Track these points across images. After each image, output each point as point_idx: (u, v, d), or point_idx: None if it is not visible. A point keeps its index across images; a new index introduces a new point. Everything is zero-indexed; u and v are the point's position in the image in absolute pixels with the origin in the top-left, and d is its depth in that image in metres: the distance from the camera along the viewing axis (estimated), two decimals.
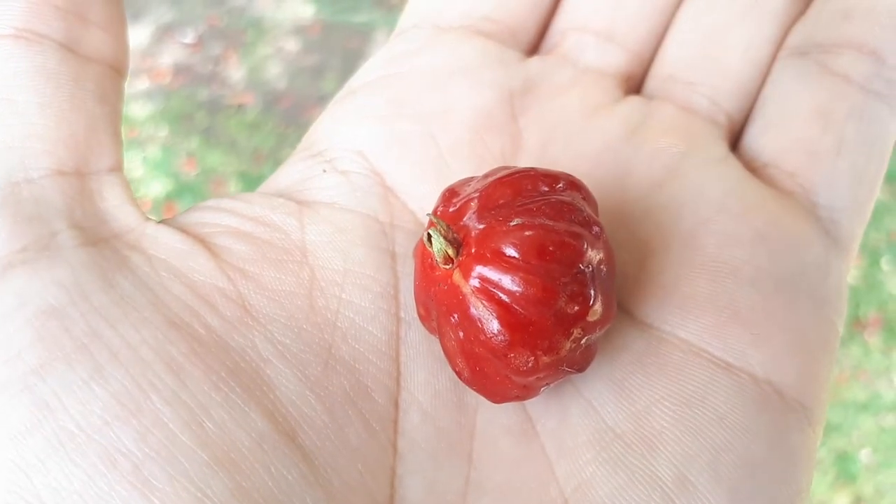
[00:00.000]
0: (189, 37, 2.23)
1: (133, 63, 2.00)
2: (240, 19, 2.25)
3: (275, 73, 2.20)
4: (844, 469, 1.74)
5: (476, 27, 0.40)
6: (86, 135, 0.31)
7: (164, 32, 2.22)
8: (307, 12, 2.27)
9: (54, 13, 0.31)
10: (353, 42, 2.16)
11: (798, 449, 0.31)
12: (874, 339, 1.86)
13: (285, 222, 0.33)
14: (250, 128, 2.13)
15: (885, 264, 1.92)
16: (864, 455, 1.76)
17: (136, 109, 2.10)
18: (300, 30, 2.25)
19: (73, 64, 0.31)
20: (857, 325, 1.88)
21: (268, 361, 0.29)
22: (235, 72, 2.20)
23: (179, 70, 2.18)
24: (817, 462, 1.64)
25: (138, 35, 2.19)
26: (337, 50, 2.19)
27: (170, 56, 2.20)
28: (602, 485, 0.29)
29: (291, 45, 2.24)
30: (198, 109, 2.14)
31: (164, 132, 2.10)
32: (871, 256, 1.93)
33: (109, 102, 0.32)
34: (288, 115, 2.12)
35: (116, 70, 0.33)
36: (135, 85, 2.13)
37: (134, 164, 2.00)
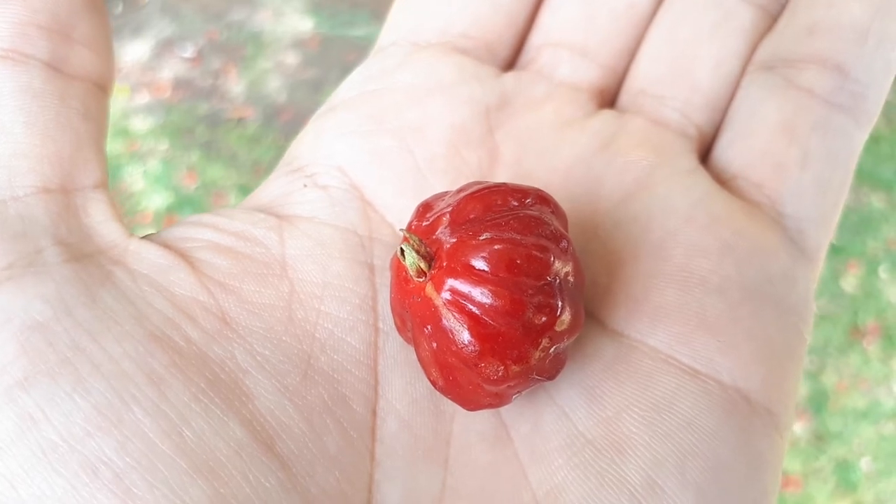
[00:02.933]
0: (189, 51, 2.24)
1: (133, 77, 2.00)
2: (239, 33, 2.26)
3: (274, 86, 2.21)
4: (845, 477, 1.74)
5: (453, 44, 0.41)
6: (71, 152, 0.32)
7: (164, 47, 2.22)
8: (306, 26, 2.27)
9: (39, 33, 0.31)
10: (351, 55, 2.16)
11: (764, 453, 0.32)
12: (873, 348, 1.86)
13: (266, 237, 0.34)
14: (250, 141, 2.13)
15: (882, 272, 1.92)
16: (865, 463, 1.76)
17: (137, 123, 2.10)
18: (299, 44, 2.26)
19: (58, 83, 0.32)
20: (855, 333, 1.88)
21: (247, 372, 0.29)
22: (235, 85, 2.21)
23: (179, 84, 2.19)
24: (818, 471, 1.64)
25: (138, 49, 2.20)
26: (335, 63, 2.19)
27: (170, 70, 2.20)
28: (573, 489, 0.30)
29: (290, 58, 2.24)
30: (198, 123, 2.14)
31: (164, 146, 2.10)
32: (870, 265, 1.93)
33: (94, 120, 0.33)
34: (287, 129, 2.12)
35: (101, 87, 0.33)
36: (135, 99, 2.14)
37: (134, 177, 2.01)
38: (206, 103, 2.17)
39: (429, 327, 0.29)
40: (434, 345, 0.29)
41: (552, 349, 0.29)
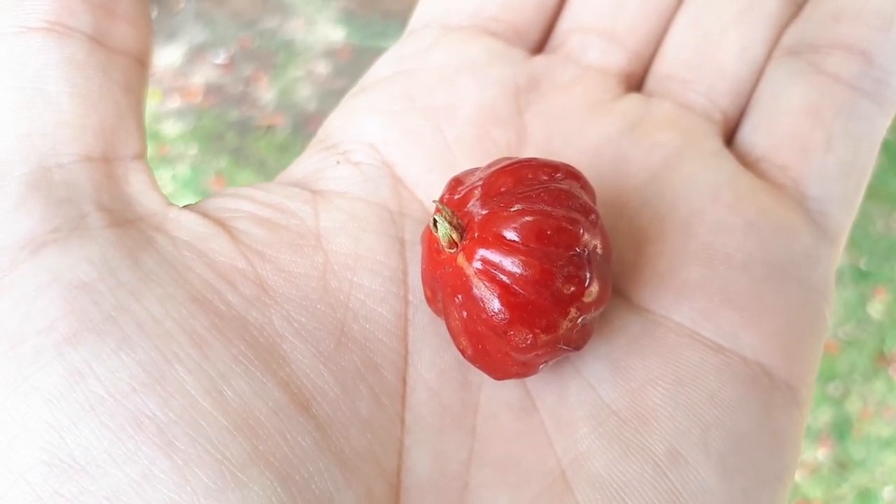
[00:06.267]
0: (221, 57, 2.25)
1: (165, 82, 2.01)
2: (271, 41, 2.28)
3: (305, 95, 2.22)
4: None
5: (483, 27, 0.41)
6: (113, 123, 0.32)
7: (197, 53, 2.24)
8: (338, 36, 2.29)
9: (83, 7, 0.32)
10: None
11: (785, 427, 0.32)
12: None
13: (300, 209, 0.35)
14: (279, 149, 2.14)
15: None
16: (887, 492, 1.74)
17: (167, 127, 2.12)
18: (330, 53, 2.27)
19: (100, 56, 0.33)
20: (881, 360, 1.86)
21: (284, 337, 0.30)
22: (266, 93, 2.22)
23: (211, 90, 2.20)
24: (839, 498, 1.62)
25: (171, 55, 2.22)
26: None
27: (201, 76, 2.22)
28: (598, 457, 0.31)
29: (322, 68, 2.25)
30: (228, 129, 2.16)
31: (193, 150, 2.12)
32: None
33: (134, 93, 0.34)
34: None
35: (141, 62, 0.34)
36: (166, 103, 2.16)
37: (163, 181, 2.02)
38: (236, 110, 2.19)
39: (459, 297, 0.30)
40: (464, 314, 0.30)
41: (580, 319, 0.30)
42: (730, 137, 0.40)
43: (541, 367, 0.31)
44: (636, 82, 0.42)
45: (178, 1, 2.31)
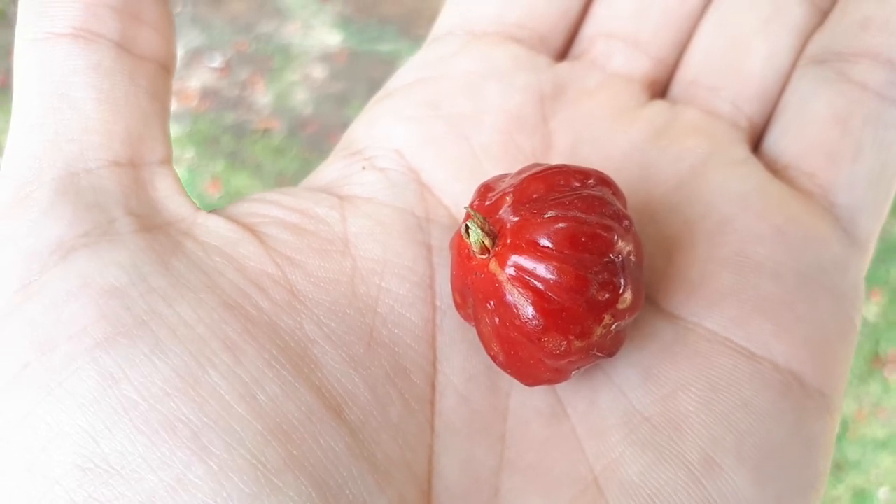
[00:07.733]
0: (217, 61, 2.25)
1: None
2: (267, 45, 2.27)
3: (301, 99, 2.22)
4: None
5: (508, 33, 0.41)
6: (139, 129, 0.33)
7: (193, 57, 2.24)
8: (334, 40, 2.28)
9: (110, 14, 0.32)
10: (378, 70, 2.17)
11: (818, 434, 0.32)
12: (894, 377, 1.85)
13: (328, 215, 0.35)
14: (275, 152, 2.14)
15: None
16: (883, 493, 1.75)
17: None
18: (327, 57, 2.27)
19: (127, 62, 0.33)
20: (876, 362, 1.86)
21: (314, 342, 0.30)
22: (262, 97, 2.22)
23: (207, 94, 2.20)
24: (835, 500, 1.63)
25: None
26: (362, 78, 2.20)
27: (198, 80, 2.22)
28: (631, 464, 0.31)
29: (318, 72, 2.25)
30: (224, 133, 2.15)
31: (190, 154, 2.11)
32: (891, 293, 1.92)
33: (160, 99, 0.34)
34: (313, 141, 2.13)
35: (166, 68, 0.35)
36: None
37: None
38: (232, 113, 2.18)
39: (491, 303, 0.30)
40: (496, 320, 0.30)
41: (614, 326, 0.30)
42: (756, 144, 0.40)
43: (573, 373, 0.31)
44: (661, 89, 0.42)
45: (175, 4, 2.31)
